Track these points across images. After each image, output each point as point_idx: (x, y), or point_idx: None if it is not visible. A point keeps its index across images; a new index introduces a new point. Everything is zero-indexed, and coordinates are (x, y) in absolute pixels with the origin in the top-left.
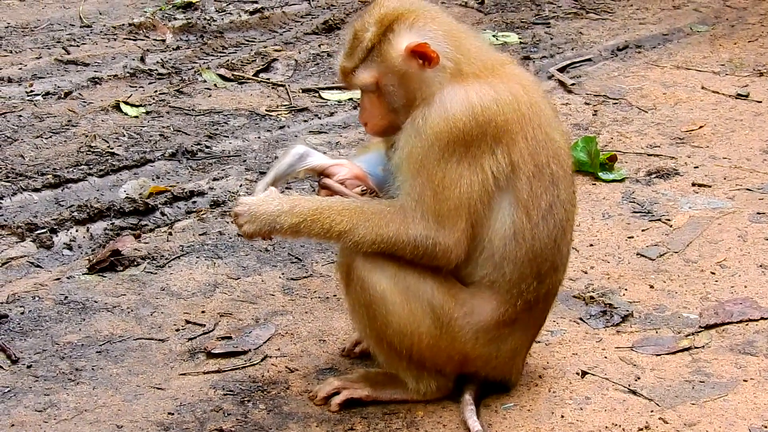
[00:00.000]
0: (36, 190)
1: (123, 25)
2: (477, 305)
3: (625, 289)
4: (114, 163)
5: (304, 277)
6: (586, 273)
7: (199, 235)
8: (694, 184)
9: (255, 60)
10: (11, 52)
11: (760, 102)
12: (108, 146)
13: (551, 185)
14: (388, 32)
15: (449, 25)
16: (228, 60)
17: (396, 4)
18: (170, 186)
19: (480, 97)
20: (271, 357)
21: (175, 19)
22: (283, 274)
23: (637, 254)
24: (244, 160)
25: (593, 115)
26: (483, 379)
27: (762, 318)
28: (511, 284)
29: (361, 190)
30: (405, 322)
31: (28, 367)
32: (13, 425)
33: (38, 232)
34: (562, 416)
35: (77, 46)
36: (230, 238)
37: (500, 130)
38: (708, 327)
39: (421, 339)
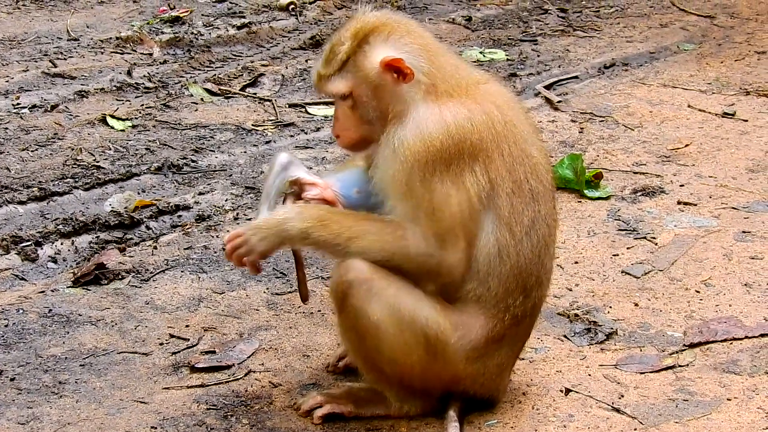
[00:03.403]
0: (21, 202)
1: (110, 38)
2: (467, 323)
3: (610, 307)
4: (100, 176)
5: (289, 292)
6: (570, 290)
7: (184, 249)
8: (679, 203)
9: (242, 75)
10: None
11: (746, 121)
12: (94, 160)
13: (532, 201)
14: (363, 44)
15: (425, 40)
16: (215, 74)
17: (372, 18)
18: (156, 200)
19: (453, 116)
20: (254, 372)
21: (162, 33)
22: (267, 288)
23: (622, 272)
24: (230, 175)
25: (579, 132)
26: (470, 396)
27: (746, 337)
28: (498, 299)
29: None
30: (398, 352)
31: (12, 379)
32: None
33: (23, 244)
34: None
35: (64, 59)
36: (215, 252)
37: (475, 148)
38: (692, 345)
39: (413, 367)
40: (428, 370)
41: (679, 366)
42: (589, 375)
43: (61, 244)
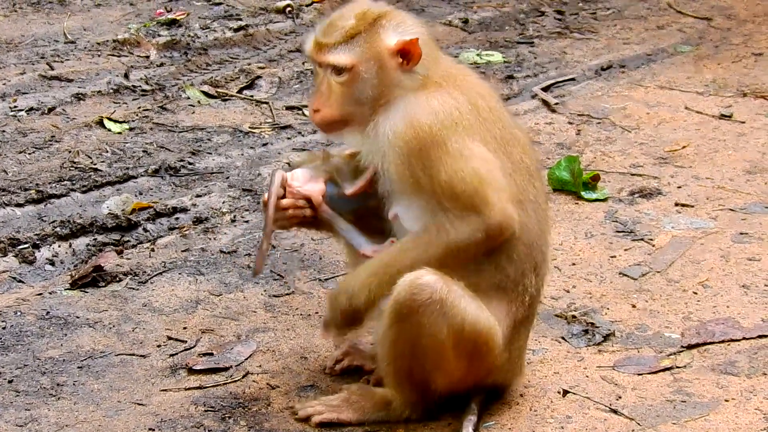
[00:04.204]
0: (19, 205)
1: (107, 41)
2: (496, 316)
3: (607, 309)
4: (97, 179)
5: (286, 294)
6: (568, 292)
7: (182, 251)
8: (676, 204)
9: (239, 77)
10: None
11: (743, 122)
12: (91, 162)
13: (530, 178)
14: (377, 24)
15: (426, 35)
16: (212, 77)
17: (379, 6)
18: (153, 202)
19: (441, 103)
20: (252, 374)
21: (159, 35)
22: (265, 291)
23: (620, 273)
24: (227, 177)
25: (576, 134)
26: (494, 387)
27: (744, 338)
28: (516, 282)
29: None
30: (452, 364)
31: (9, 382)
32: None
33: (21, 247)
34: None
35: (61, 62)
36: (212, 254)
37: (467, 130)
38: (690, 347)
39: (459, 374)
40: (470, 373)
41: (677, 367)
42: (587, 376)
43: (59, 246)
